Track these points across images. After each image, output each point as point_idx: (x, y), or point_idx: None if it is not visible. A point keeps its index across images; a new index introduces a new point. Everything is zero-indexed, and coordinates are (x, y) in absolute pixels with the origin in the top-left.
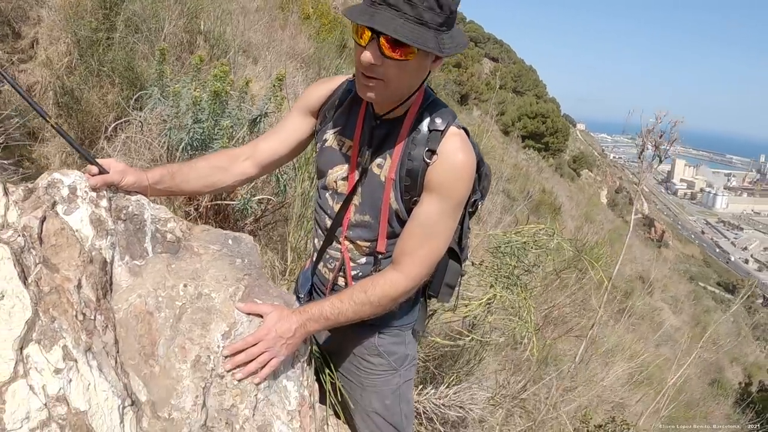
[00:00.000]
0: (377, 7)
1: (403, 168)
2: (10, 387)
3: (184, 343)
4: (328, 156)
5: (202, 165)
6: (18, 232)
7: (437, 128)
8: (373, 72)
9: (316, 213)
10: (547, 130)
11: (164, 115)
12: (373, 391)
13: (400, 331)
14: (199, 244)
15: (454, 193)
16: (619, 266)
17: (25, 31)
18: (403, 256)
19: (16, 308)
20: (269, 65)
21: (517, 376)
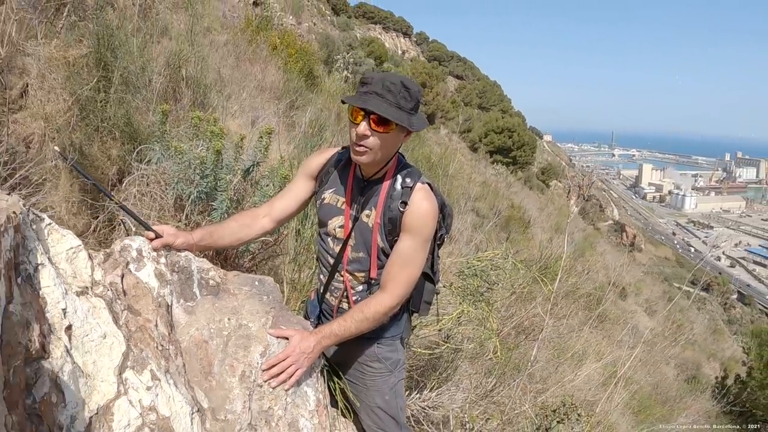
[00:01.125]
0: (368, 95)
1: (386, 216)
2: (115, 403)
3: (232, 363)
4: (326, 210)
5: (232, 225)
6: (106, 288)
7: (408, 185)
8: (364, 142)
9: (319, 254)
10: (514, 144)
11: (169, 169)
12: (375, 390)
13: (392, 341)
14: (234, 286)
15: (422, 231)
16: (580, 278)
17: (12, 81)
18: (387, 282)
19: (114, 344)
20: (244, 102)
21: (488, 378)
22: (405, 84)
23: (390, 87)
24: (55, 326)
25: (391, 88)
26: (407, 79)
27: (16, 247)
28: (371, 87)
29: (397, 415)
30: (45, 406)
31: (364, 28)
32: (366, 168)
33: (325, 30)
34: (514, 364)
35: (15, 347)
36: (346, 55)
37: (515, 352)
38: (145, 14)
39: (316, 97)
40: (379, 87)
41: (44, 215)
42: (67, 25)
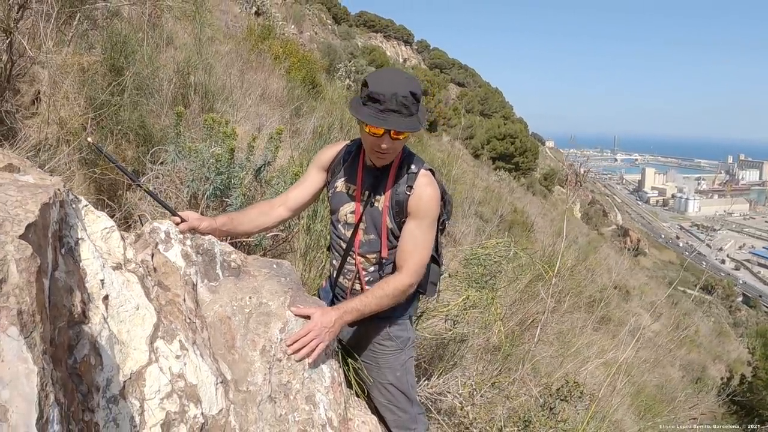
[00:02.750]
0: (386, 114)
1: (393, 200)
2: (147, 369)
3: (254, 338)
4: (338, 198)
5: (252, 212)
6: (138, 265)
7: (412, 171)
8: (384, 150)
9: (332, 240)
10: (516, 150)
11: (183, 169)
12: (387, 367)
13: (403, 320)
14: (254, 268)
15: (428, 213)
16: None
17: (23, 88)
18: (403, 262)
19: (146, 315)
20: (249, 110)
21: (493, 365)
22: (413, 92)
23: (403, 101)
24: (93, 295)
25: (405, 102)
26: (412, 84)
27: (60, 221)
28: (387, 105)
29: (408, 391)
30: (84, 367)
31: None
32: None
33: (326, 39)
34: (518, 358)
35: (60, 309)
36: (348, 64)
37: (520, 348)
38: (154, 24)
39: (319, 104)
40: (394, 104)
41: (81, 197)
42: (78, 33)
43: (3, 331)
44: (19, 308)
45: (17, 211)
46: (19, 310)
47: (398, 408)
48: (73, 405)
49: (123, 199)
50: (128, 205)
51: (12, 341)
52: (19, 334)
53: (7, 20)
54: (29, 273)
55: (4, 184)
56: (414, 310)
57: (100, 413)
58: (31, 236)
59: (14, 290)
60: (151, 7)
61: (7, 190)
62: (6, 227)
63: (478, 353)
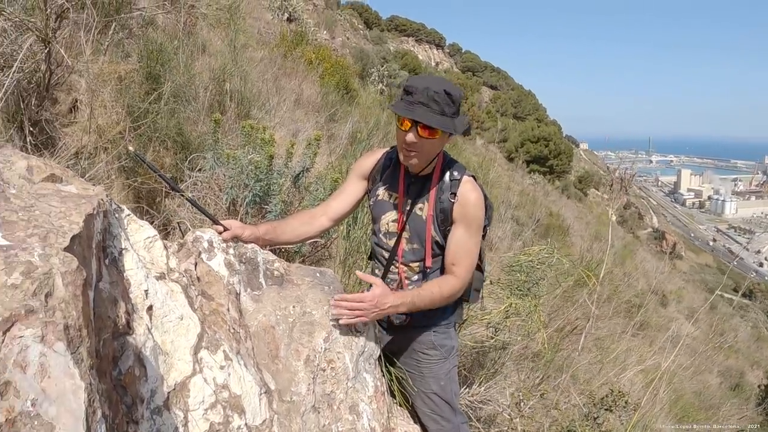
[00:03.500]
0: (414, 105)
1: (437, 208)
2: (191, 380)
3: (298, 347)
4: (380, 206)
5: (294, 222)
6: (181, 274)
7: (455, 178)
8: (412, 147)
9: (374, 250)
10: (550, 153)
11: (222, 176)
12: (431, 376)
13: (446, 328)
14: (297, 277)
15: (474, 219)
16: (611, 270)
17: (61, 97)
18: (452, 266)
19: (190, 325)
20: (284, 116)
21: (534, 373)
22: (448, 91)
23: (434, 96)
24: (137, 306)
25: (436, 98)
26: (449, 86)
27: (104, 232)
28: (416, 97)
29: (451, 400)
30: (129, 379)
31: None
32: (415, 167)
33: (358, 44)
34: (558, 365)
35: (105, 320)
36: (380, 68)
37: (559, 354)
38: (189, 31)
39: (354, 109)
40: (424, 97)
41: (123, 206)
42: (114, 42)
43: (49, 347)
44: (66, 323)
45: (61, 223)
46: (66, 324)
47: (442, 417)
48: (118, 417)
49: (162, 207)
50: (167, 212)
51: (59, 357)
52: (65, 349)
53: (46, 30)
54: (75, 286)
55: (47, 195)
56: (458, 317)
57: (145, 425)
58: (76, 248)
59: (60, 304)
60: (185, 15)
61: (50, 201)
62: (50, 239)
63: (518, 361)
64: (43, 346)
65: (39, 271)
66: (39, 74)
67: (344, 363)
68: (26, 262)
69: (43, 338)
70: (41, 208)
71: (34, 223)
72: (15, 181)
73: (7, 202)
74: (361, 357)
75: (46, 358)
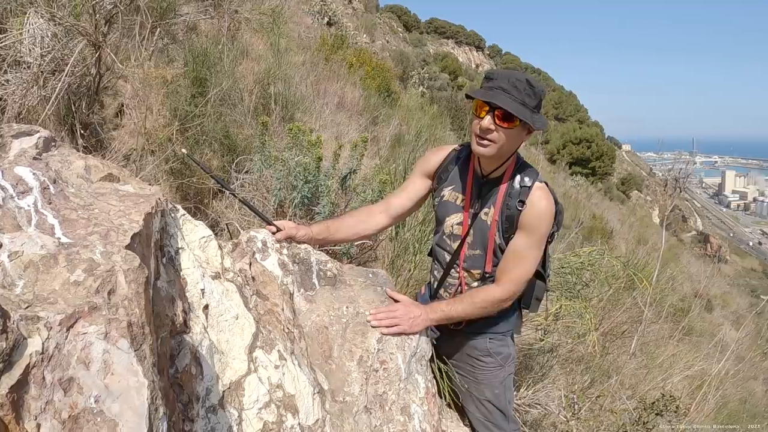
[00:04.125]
0: (494, 90)
1: (503, 214)
2: (246, 379)
3: (351, 348)
4: (445, 207)
5: (349, 220)
6: (236, 274)
7: (526, 185)
8: (488, 135)
9: (435, 250)
10: (592, 155)
11: (269, 177)
12: (486, 383)
13: (504, 336)
14: (350, 277)
15: (538, 230)
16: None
17: (107, 101)
18: (501, 275)
19: (246, 325)
20: (326, 119)
21: (582, 376)
22: (530, 82)
23: (516, 83)
24: (194, 305)
25: (517, 85)
26: (532, 78)
27: (161, 231)
28: (497, 82)
29: (505, 408)
30: (185, 377)
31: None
32: (486, 163)
33: (398, 47)
34: (604, 370)
35: (163, 319)
36: (421, 71)
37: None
38: (232, 36)
39: (396, 112)
40: (504, 83)
41: (179, 206)
42: (158, 48)
43: (113, 344)
44: (129, 320)
45: (121, 221)
46: (129, 322)
47: (494, 425)
48: (174, 415)
49: (209, 208)
50: (214, 213)
51: (122, 354)
52: (129, 346)
53: (96, 34)
54: (137, 284)
55: (106, 194)
56: (516, 327)
57: (199, 423)
58: (136, 246)
59: (123, 302)
60: (229, 20)
61: (108, 199)
62: (111, 237)
63: (564, 364)
64: (107, 343)
65: (101, 268)
66: (89, 78)
67: (397, 364)
68: (88, 260)
69: (107, 335)
70: (100, 207)
71: (94, 221)
72: (73, 181)
73: (67, 201)
74: (413, 358)
75: (109, 355)
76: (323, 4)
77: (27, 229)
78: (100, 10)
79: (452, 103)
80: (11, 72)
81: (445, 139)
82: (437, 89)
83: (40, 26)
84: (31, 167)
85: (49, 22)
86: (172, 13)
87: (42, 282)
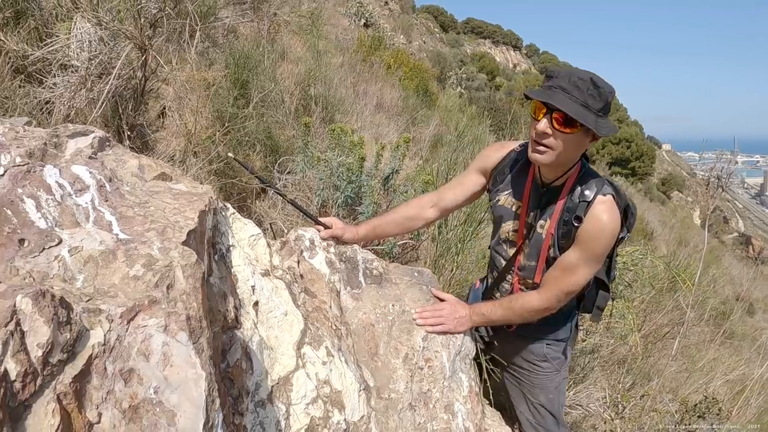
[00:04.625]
0: (553, 90)
1: (560, 230)
2: (294, 374)
3: (396, 345)
4: (501, 211)
5: (396, 217)
6: (285, 271)
7: (586, 199)
8: (545, 141)
9: (492, 252)
10: (632, 155)
11: (312, 178)
12: (540, 388)
13: (561, 342)
14: (395, 276)
15: (595, 248)
16: (700, 275)
17: (149, 104)
18: (544, 283)
19: (294, 322)
20: (366, 120)
21: (625, 377)
22: (594, 81)
23: (577, 83)
24: (244, 301)
25: (579, 84)
26: (597, 77)
27: (213, 229)
28: (557, 81)
29: (558, 413)
30: (236, 371)
31: (474, 44)
32: (546, 171)
33: (435, 47)
34: (645, 372)
35: (216, 314)
36: (458, 71)
37: (646, 361)
38: (272, 39)
39: (434, 113)
40: (565, 81)
41: (228, 205)
42: (199, 51)
43: (172, 336)
44: (187, 314)
45: (176, 218)
46: (188, 315)
47: (544, 429)
48: (225, 408)
49: (252, 208)
50: (258, 213)
51: (181, 346)
52: (188, 339)
53: (142, 38)
54: (195, 279)
55: (161, 192)
56: (574, 334)
57: (249, 417)
58: (191, 243)
59: (181, 296)
60: (268, 22)
61: (163, 197)
62: (168, 234)
63: (605, 366)
64: (166, 336)
65: (160, 263)
66: (135, 81)
67: (441, 362)
68: (146, 255)
69: (167, 328)
70: (155, 205)
71: (150, 218)
72: (128, 179)
73: (123, 199)
74: (457, 356)
75: (168, 347)
76: (360, 5)
77: (85, 226)
78: (144, 14)
79: (491, 103)
80: (59, 75)
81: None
82: (475, 89)
83: (86, 31)
84: (87, 166)
85: (96, 26)
86: (212, 17)
87: (102, 276)
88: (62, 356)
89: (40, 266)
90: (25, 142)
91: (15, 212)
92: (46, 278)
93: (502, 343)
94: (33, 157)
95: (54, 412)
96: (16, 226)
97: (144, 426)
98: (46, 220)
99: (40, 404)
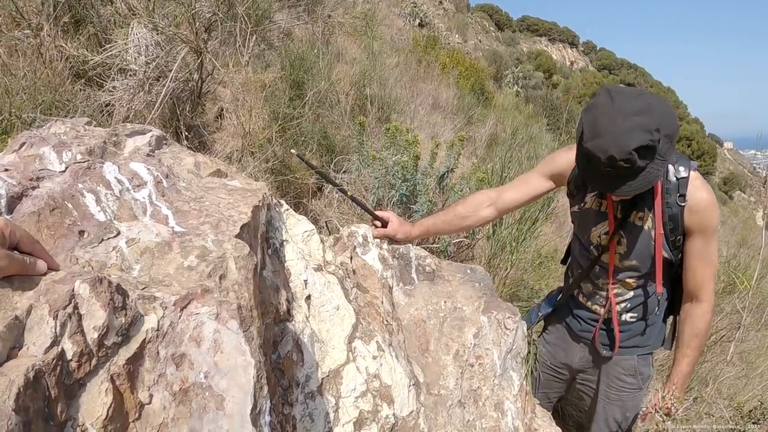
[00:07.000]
0: (602, 177)
1: (666, 215)
2: (344, 368)
3: (447, 342)
4: (586, 215)
5: (451, 216)
6: (337, 267)
7: (682, 176)
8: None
9: (579, 258)
10: (692, 153)
11: (369, 176)
12: (618, 404)
13: (649, 354)
14: (448, 273)
15: (709, 222)
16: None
17: (207, 106)
18: (699, 289)
19: (346, 316)
20: (422, 119)
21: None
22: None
23: (623, 165)
24: (297, 295)
25: (625, 166)
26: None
27: (267, 224)
28: (601, 169)
29: (629, 430)
30: (287, 363)
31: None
32: None
33: (491, 46)
34: (701, 377)
35: (268, 306)
36: (515, 70)
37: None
38: (327, 40)
39: (490, 112)
40: (609, 167)
41: (282, 201)
42: (255, 54)
43: (223, 324)
44: (239, 303)
45: (230, 213)
46: (239, 305)
47: None
48: (274, 398)
49: (308, 206)
50: (314, 211)
51: (232, 334)
52: (238, 327)
53: (197, 41)
54: (247, 270)
55: (215, 188)
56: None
57: (298, 408)
58: (244, 236)
59: (233, 286)
60: (322, 24)
61: (218, 193)
62: (222, 227)
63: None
64: (218, 324)
65: (213, 255)
66: (192, 83)
67: (492, 360)
68: (200, 247)
69: (218, 316)
70: (210, 200)
71: (205, 212)
72: (184, 176)
73: (179, 194)
74: (508, 354)
75: (219, 335)
76: (414, 5)
77: (143, 219)
78: (199, 19)
79: (548, 102)
80: (118, 79)
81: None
82: (532, 88)
83: (143, 36)
84: (145, 163)
85: (152, 31)
86: (267, 20)
87: (157, 266)
88: (117, 339)
89: (99, 256)
90: (86, 140)
91: (75, 206)
92: (104, 267)
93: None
94: (93, 155)
95: (107, 391)
96: (76, 218)
97: (193, 409)
98: (105, 214)
99: (94, 383)
